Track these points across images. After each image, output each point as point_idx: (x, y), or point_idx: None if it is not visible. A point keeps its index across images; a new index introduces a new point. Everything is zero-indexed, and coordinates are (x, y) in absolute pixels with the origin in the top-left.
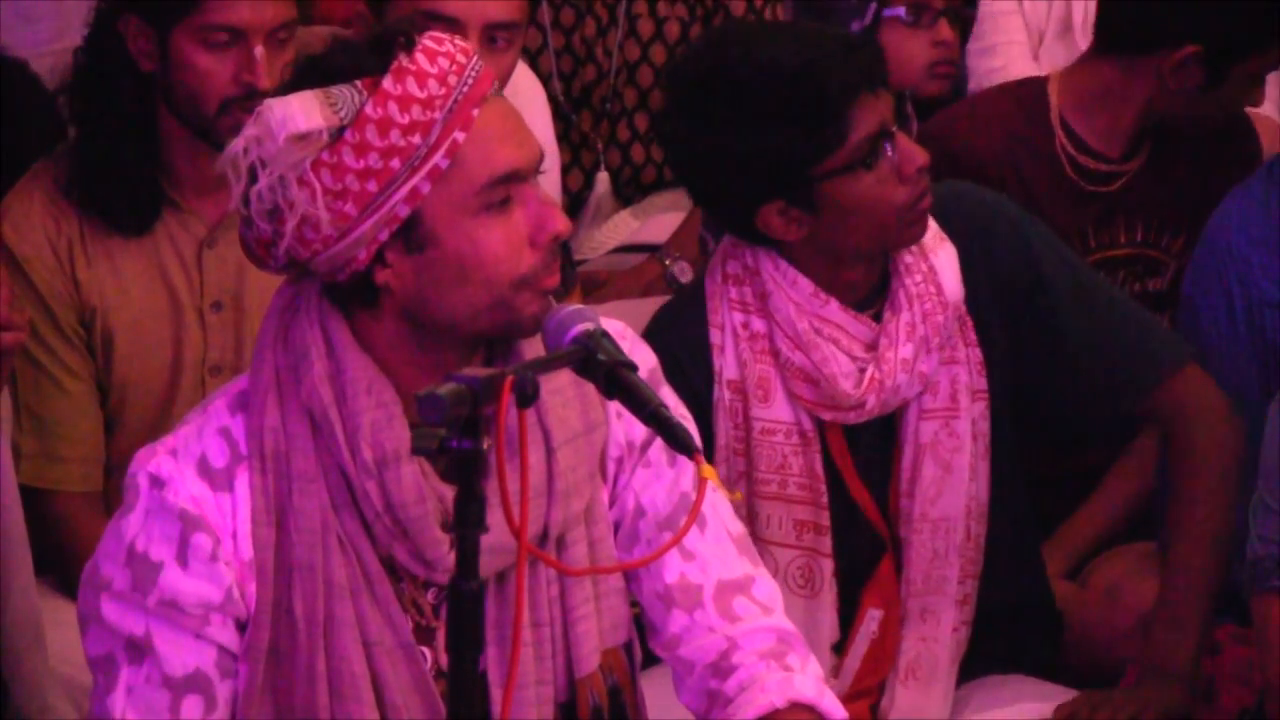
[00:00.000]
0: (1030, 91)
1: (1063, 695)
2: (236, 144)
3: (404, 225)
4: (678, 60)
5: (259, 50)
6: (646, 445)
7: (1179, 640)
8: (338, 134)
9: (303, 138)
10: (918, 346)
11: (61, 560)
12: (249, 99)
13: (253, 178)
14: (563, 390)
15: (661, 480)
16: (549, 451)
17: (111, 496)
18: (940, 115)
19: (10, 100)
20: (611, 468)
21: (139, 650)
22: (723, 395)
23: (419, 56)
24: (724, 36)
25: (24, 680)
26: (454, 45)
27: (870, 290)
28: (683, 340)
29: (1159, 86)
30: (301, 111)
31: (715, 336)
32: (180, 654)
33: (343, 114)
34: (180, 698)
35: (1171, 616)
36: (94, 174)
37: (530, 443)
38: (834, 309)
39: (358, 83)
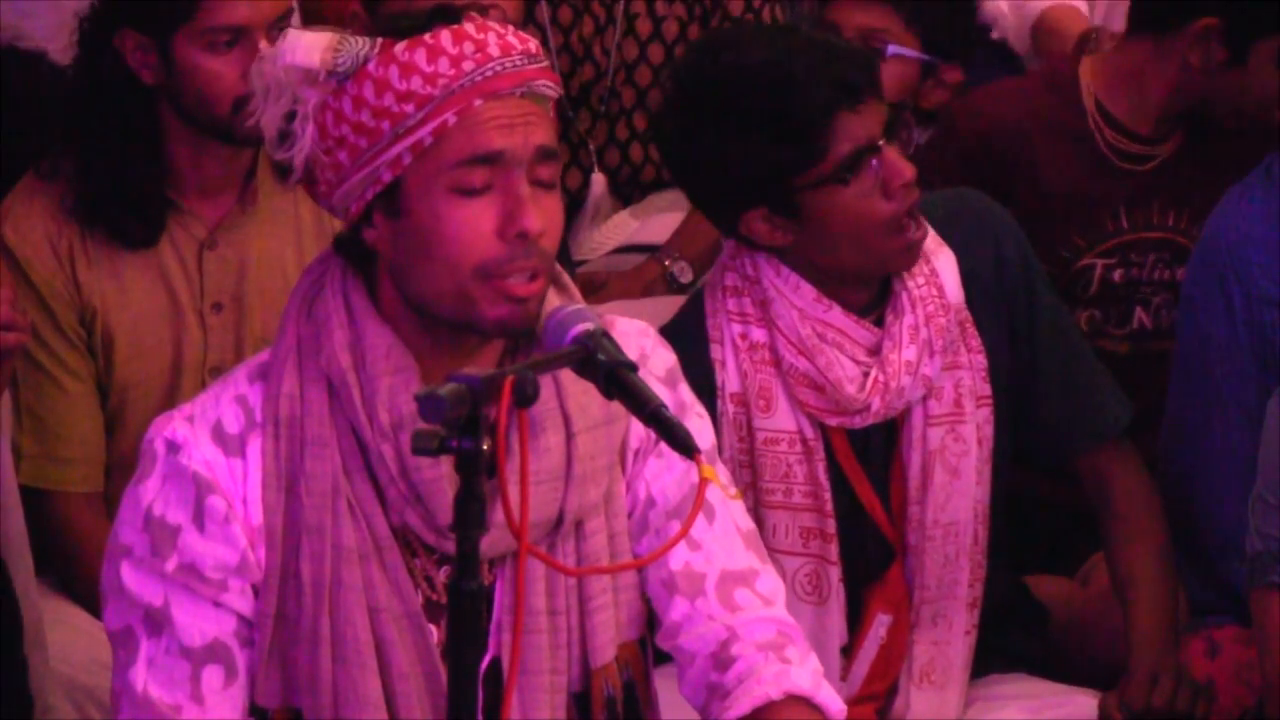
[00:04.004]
0: (1063, 73)
1: (1064, 692)
2: (259, 60)
3: (387, 189)
4: (677, 60)
5: (264, 45)
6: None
7: (1164, 661)
8: (342, 82)
9: (300, 71)
10: (920, 349)
11: (61, 561)
12: None
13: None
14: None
15: (673, 471)
16: (569, 436)
17: (112, 497)
18: (970, 95)
19: (26, 91)
20: (630, 459)
21: (156, 623)
22: (726, 409)
23: (445, 34)
24: (720, 39)
25: None
26: (495, 36)
27: (872, 297)
28: (684, 358)
29: (1183, 65)
30: (303, 46)
31: (716, 351)
32: (198, 624)
33: (342, 62)
34: (200, 668)
35: (1147, 653)
36: (103, 196)
37: (550, 426)
38: (836, 314)
39: (379, 39)
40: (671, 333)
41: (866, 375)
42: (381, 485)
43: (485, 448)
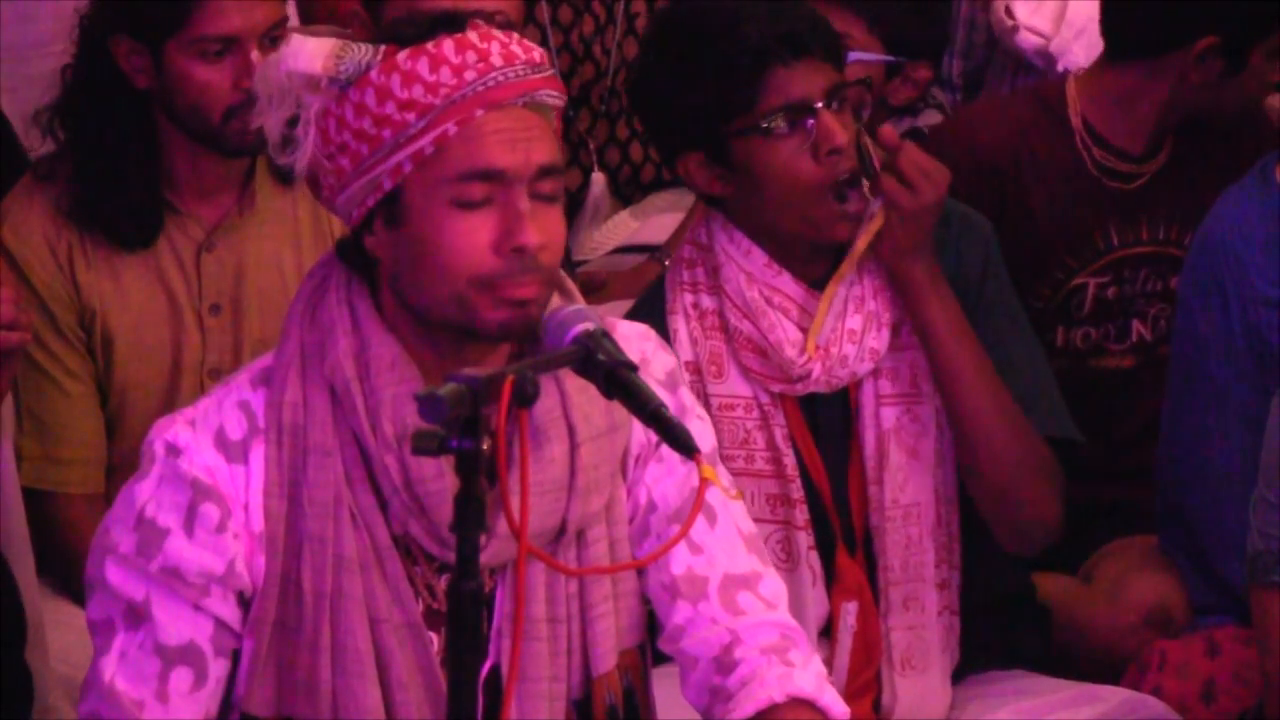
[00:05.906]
0: (1050, 92)
1: (1064, 689)
2: (262, 65)
3: (387, 196)
4: None
5: (255, 55)
6: (661, 441)
7: None
8: (344, 88)
9: (302, 77)
10: (866, 319)
11: (62, 561)
12: (252, 104)
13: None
14: (587, 388)
15: (673, 476)
16: (573, 446)
17: (112, 498)
18: (961, 112)
19: None
20: (631, 465)
21: (137, 616)
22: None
23: (448, 42)
24: None
25: None
26: (499, 45)
27: (826, 270)
28: None
29: (1179, 83)
30: (306, 53)
31: (673, 323)
32: (177, 624)
33: (345, 69)
34: (170, 668)
35: None
36: (97, 196)
37: (555, 436)
38: (786, 280)
39: (382, 46)
40: (635, 309)
41: None
42: (384, 495)
43: (485, 447)
